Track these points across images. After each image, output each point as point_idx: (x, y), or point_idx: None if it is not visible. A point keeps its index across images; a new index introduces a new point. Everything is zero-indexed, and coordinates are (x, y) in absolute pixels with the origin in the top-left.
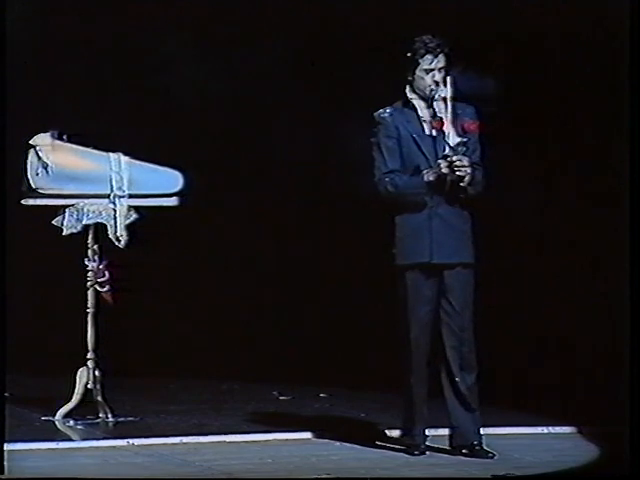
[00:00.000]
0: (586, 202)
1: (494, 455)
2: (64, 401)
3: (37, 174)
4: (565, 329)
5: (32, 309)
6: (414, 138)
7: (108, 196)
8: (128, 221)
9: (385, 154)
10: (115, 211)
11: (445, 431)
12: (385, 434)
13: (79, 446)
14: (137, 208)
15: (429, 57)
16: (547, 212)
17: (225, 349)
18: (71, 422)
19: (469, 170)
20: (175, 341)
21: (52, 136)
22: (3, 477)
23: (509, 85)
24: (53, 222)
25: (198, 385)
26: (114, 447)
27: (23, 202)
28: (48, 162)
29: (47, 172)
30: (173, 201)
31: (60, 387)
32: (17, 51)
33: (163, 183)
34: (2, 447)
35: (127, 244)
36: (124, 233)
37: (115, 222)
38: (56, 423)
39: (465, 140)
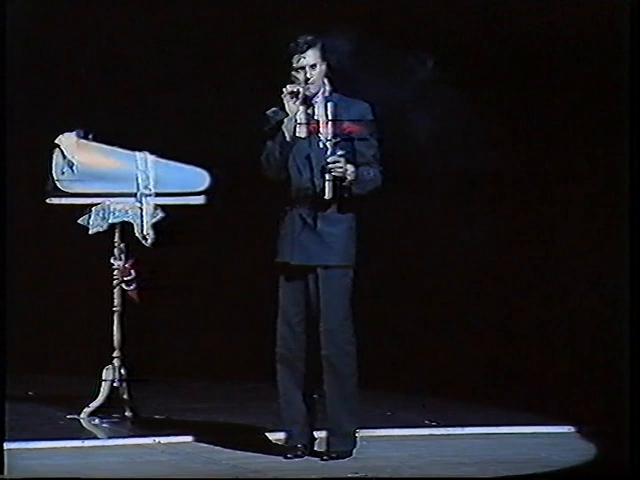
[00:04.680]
0: (586, 202)
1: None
2: (90, 399)
3: (62, 173)
4: (566, 329)
5: (58, 308)
6: (287, 141)
7: (134, 195)
8: (154, 220)
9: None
10: (141, 210)
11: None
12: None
13: (105, 444)
14: (163, 207)
15: (297, 55)
16: (547, 212)
17: (252, 348)
18: (97, 420)
19: (349, 170)
20: (201, 339)
21: (77, 135)
22: (3, 477)
23: (508, 85)
24: (79, 221)
25: (224, 383)
26: (140, 445)
27: (48, 201)
28: (73, 161)
29: (72, 171)
30: (200, 199)
31: (86, 386)
32: (39, 50)
33: (189, 181)
34: (2, 446)
35: (153, 243)
36: (150, 232)
37: (141, 221)
38: (82, 421)
39: (336, 141)
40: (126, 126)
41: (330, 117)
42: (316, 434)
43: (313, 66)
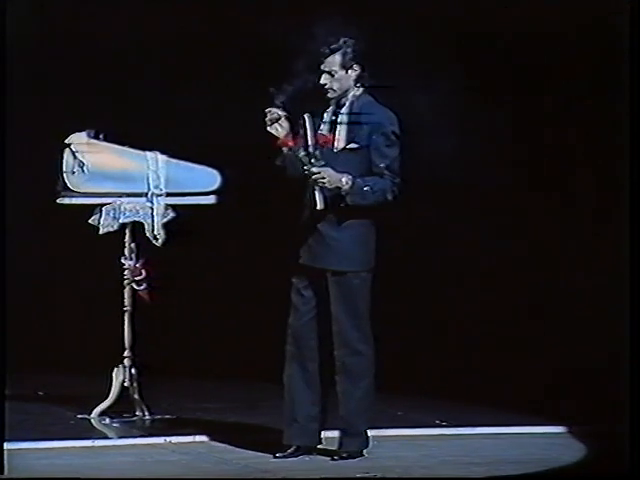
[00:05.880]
0: (586, 202)
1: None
2: (100, 399)
3: (73, 173)
4: (569, 330)
5: (69, 307)
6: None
7: (145, 194)
8: (165, 219)
9: None
10: (152, 209)
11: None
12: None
13: (115, 444)
14: (174, 206)
15: (322, 59)
16: (548, 214)
17: (263, 347)
18: (107, 420)
19: (343, 180)
20: (212, 339)
21: (88, 135)
22: (3, 477)
23: (507, 86)
24: (90, 221)
25: (235, 383)
26: (150, 445)
27: (59, 201)
28: (84, 161)
29: (83, 171)
30: (210, 199)
31: (96, 385)
32: (48, 49)
33: (200, 181)
34: (2, 446)
35: (164, 242)
36: (161, 231)
37: (152, 220)
38: (92, 421)
39: (314, 152)
40: (137, 126)
41: (310, 128)
42: (328, 434)
43: (330, 73)
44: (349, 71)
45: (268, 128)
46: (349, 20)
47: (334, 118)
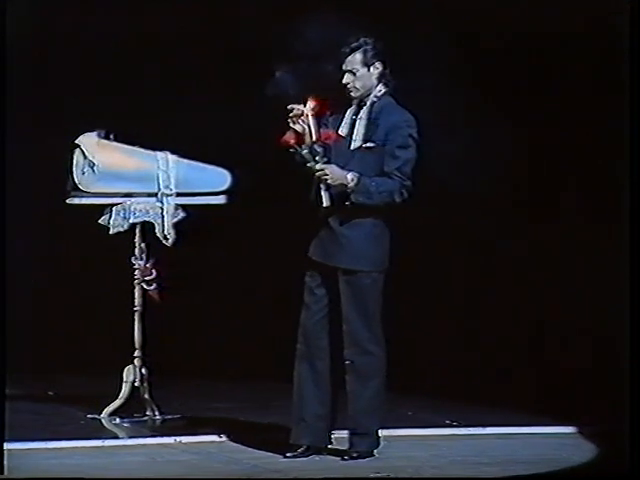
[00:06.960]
0: (586, 202)
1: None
2: (111, 399)
3: (83, 173)
4: (565, 328)
5: (79, 307)
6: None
7: (155, 194)
8: (175, 219)
9: None
10: (162, 209)
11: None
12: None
13: (126, 444)
14: (184, 206)
15: (344, 58)
16: (548, 214)
17: (273, 347)
18: (117, 420)
19: (348, 178)
20: (222, 339)
21: (98, 135)
22: (3, 477)
23: (507, 86)
24: (100, 221)
25: (245, 383)
26: (161, 445)
27: (69, 201)
28: (94, 161)
29: (93, 171)
30: (221, 199)
31: (107, 385)
32: (57, 49)
33: (211, 181)
34: (2, 446)
35: (174, 242)
36: (171, 231)
37: (162, 220)
38: (102, 421)
39: (311, 149)
40: (147, 126)
41: (319, 126)
42: (339, 434)
43: (352, 71)
44: (371, 69)
45: (291, 124)
46: (346, 19)
47: (354, 117)
